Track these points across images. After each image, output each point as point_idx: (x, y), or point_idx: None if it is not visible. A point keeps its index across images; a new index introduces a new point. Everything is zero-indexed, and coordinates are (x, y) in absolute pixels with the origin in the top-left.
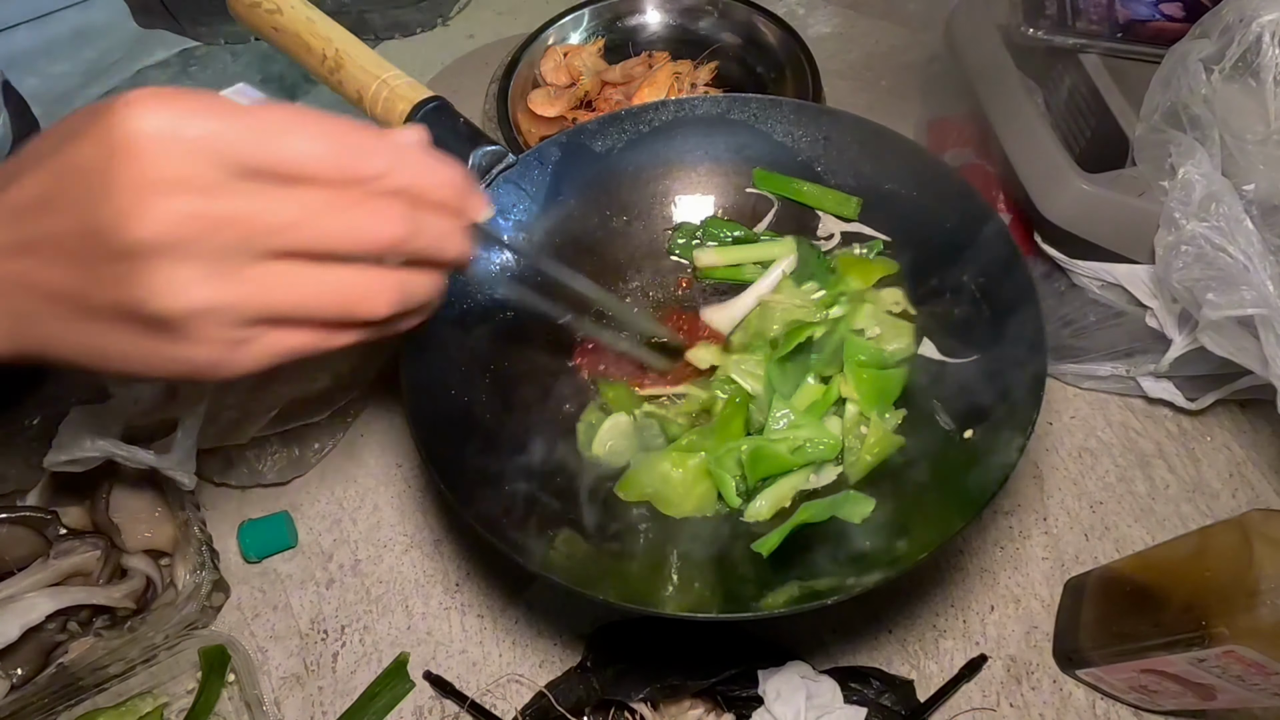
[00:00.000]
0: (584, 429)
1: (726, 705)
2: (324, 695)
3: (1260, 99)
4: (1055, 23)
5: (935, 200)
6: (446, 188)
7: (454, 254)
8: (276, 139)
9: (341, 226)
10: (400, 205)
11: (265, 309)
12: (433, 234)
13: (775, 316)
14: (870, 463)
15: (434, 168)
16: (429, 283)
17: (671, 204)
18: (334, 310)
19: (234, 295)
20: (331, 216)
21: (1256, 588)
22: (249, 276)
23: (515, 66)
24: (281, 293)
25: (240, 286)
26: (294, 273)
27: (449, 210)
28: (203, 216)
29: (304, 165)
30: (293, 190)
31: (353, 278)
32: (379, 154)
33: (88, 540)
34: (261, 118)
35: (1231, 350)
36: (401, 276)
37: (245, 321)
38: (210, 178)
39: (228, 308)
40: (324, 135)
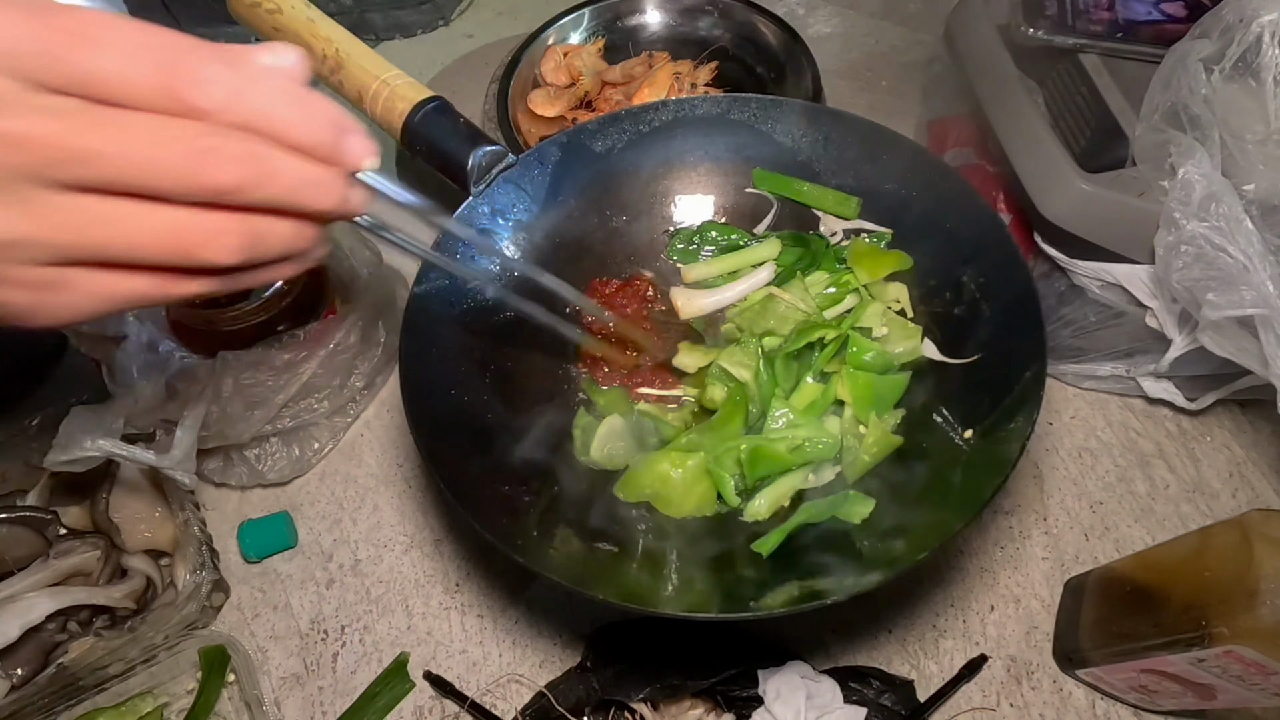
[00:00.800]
0: (579, 435)
1: (726, 705)
2: (324, 695)
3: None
4: (1055, 23)
5: (935, 200)
6: (310, 127)
7: (323, 204)
8: (84, 51)
9: (159, 163)
10: (237, 145)
11: (73, 247)
12: (288, 180)
13: (776, 313)
14: (869, 462)
15: (292, 104)
16: (291, 232)
17: (671, 204)
18: (165, 253)
19: (27, 228)
20: (146, 150)
21: (1256, 588)
22: (46, 208)
23: (515, 66)
24: (92, 230)
25: (36, 219)
26: (108, 208)
27: (317, 154)
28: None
29: (121, 85)
30: (106, 113)
31: (187, 219)
32: (218, 82)
33: (88, 540)
34: (76, 22)
35: (1231, 350)
36: (251, 222)
37: (50, 259)
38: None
39: (21, 243)
40: (144, 51)
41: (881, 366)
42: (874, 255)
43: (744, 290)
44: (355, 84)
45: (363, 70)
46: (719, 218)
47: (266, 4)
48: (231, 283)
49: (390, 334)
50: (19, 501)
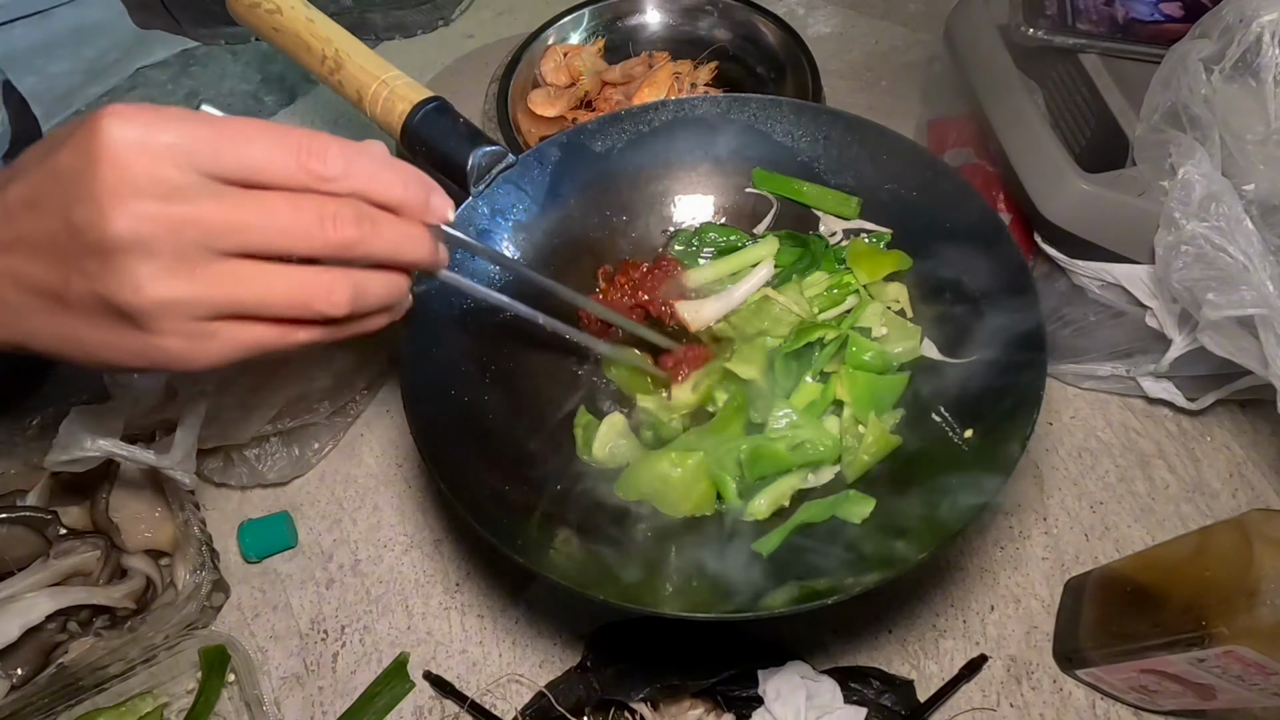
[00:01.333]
0: (580, 433)
1: (726, 705)
2: (324, 695)
3: (1260, 99)
4: (1055, 23)
5: (935, 200)
6: (403, 189)
7: (414, 256)
8: (239, 145)
9: (296, 228)
10: (353, 209)
11: (224, 303)
12: (389, 237)
13: (771, 314)
14: (868, 462)
15: (389, 171)
16: (388, 284)
17: (671, 204)
18: (290, 306)
19: (194, 290)
20: (287, 219)
21: (1256, 588)
22: (209, 273)
23: (515, 66)
24: (239, 288)
25: (200, 282)
26: (251, 270)
27: (407, 213)
28: (167, 217)
29: (263, 169)
30: (252, 194)
31: (308, 277)
32: (333, 158)
33: (88, 540)
34: (225, 127)
35: (1231, 350)
36: (357, 276)
37: (206, 315)
38: (176, 181)
39: (189, 301)
40: (282, 141)
41: (881, 366)
42: (873, 255)
43: (747, 292)
44: (355, 84)
45: (362, 70)
46: (719, 218)
47: (266, 4)
48: (337, 332)
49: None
50: (19, 501)
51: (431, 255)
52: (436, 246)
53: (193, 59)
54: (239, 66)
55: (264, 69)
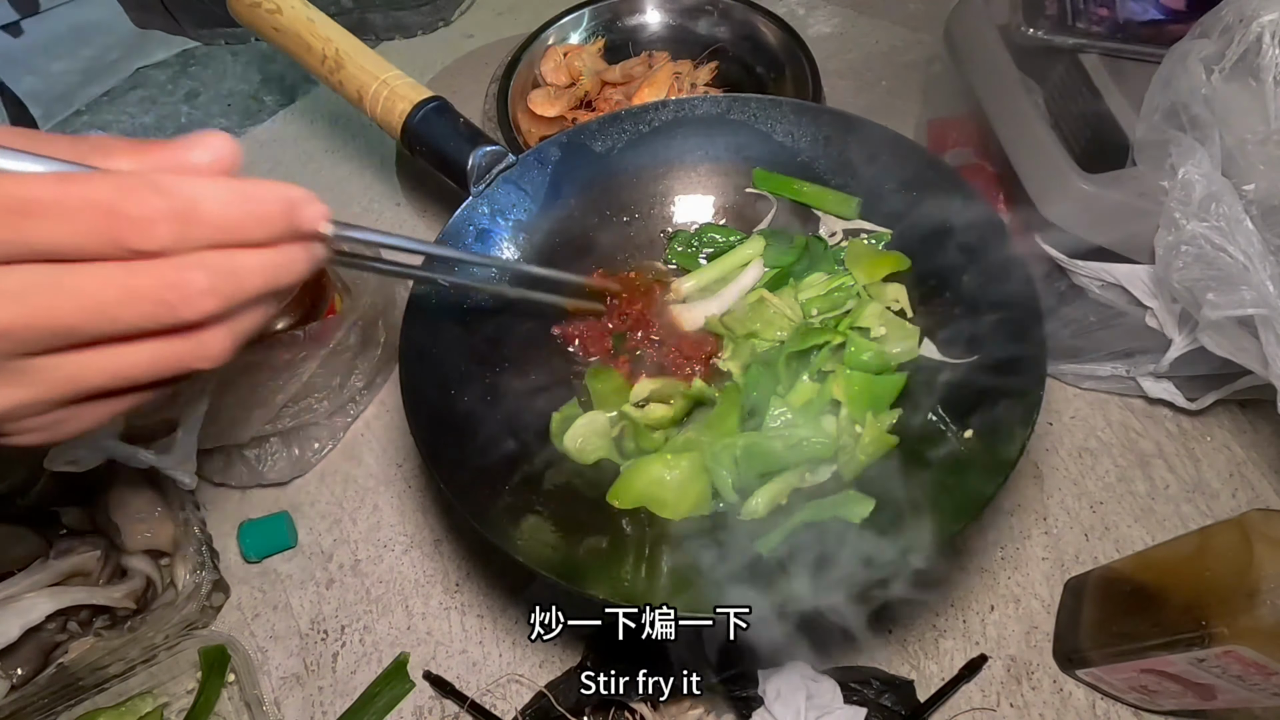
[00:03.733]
0: (558, 420)
1: (727, 705)
2: (324, 695)
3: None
4: (1055, 23)
5: (935, 200)
6: (262, 221)
7: (295, 278)
8: (30, 223)
9: (137, 314)
10: (206, 269)
11: (71, 396)
12: (259, 276)
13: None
14: (865, 462)
15: (238, 207)
16: (268, 311)
17: (671, 204)
18: (158, 376)
19: (25, 396)
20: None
21: (1256, 588)
22: (38, 373)
23: (515, 66)
24: (86, 378)
25: (31, 387)
26: (95, 358)
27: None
28: None
29: (72, 250)
30: (68, 279)
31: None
32: (161, 222)
33: (88, 540)
34: (7, 196)
35: (1231, 350)
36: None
37: (55, 406)
38: None
39: (23, 406)
40: (86, 212)
41: (879, 367)
42: (872, 256)
43: (738, 292)
44: (355, 84)
45: (362, 70)
46: (719, 218)
47: (266, 4)
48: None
49: (390, 334)
50: (19, 501)
51: (309, 265)
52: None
53: (192, 59)
54: (239, 66)
55: (264, 69)
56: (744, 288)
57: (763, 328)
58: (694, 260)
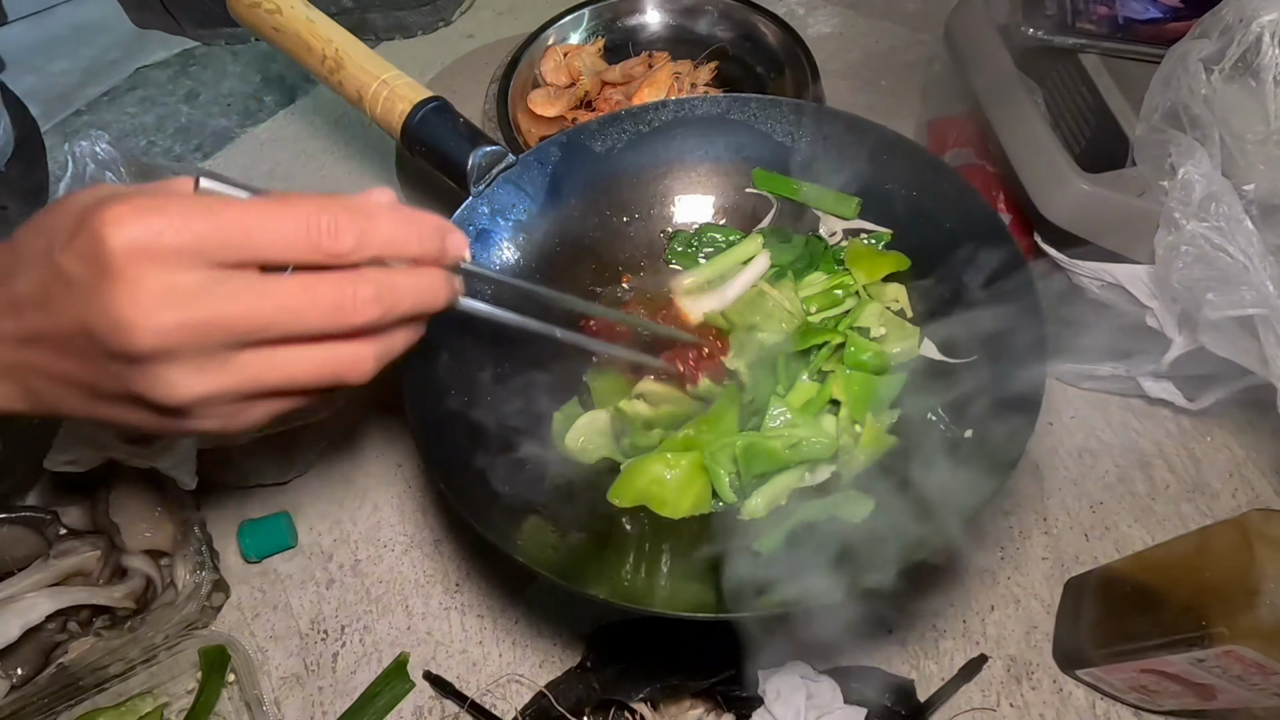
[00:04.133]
0: (559, 420)
1: (726, 705)
2: (324, 695)
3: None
4: (1055, 23)
5: (935, 200)
6: (418, 245)
7: (435, 306)
8: (246, 234)
9: (315, 316)
10: (372, 286)
11: (254, 390)
12: (410, 299)
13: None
14: (864, 461)
15: (403, 228)
16: (410, 336)
17: (671, 204)
18: (319, 382)
19: (225, 383)
20: (305, 308)
21: (1256, 588)
22: (236, 365)
23: (515, 66)
24: (269, 374)
25: (230, 375)
26: (275, 356)
27: (428, 260)
28: (187, 325)
29: (275, 254)
30: (269, 284)
31: (333, 353)
32: (347, 230)
33: (88, 540)
34: (228, 216)
35: (1231, 350)
36: (381, 343)
37: (237, 398)
38: (190, 285)
39: (221, 394)
40: (290, 221)
41: (879, 367)
42: (871, 256)
43: (745, 284)
44: (355, 84)
45: (362, 70)
46: (719, 218)
47: (266, 4)
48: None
49: None
50: (19, 501)
51: (450, 297)
52: (453, 285)
53: (192, 59)
54: (239, 66)
55: (264, 69)
56: (747, 282)
57: (763, 320)
58: (694, 260)
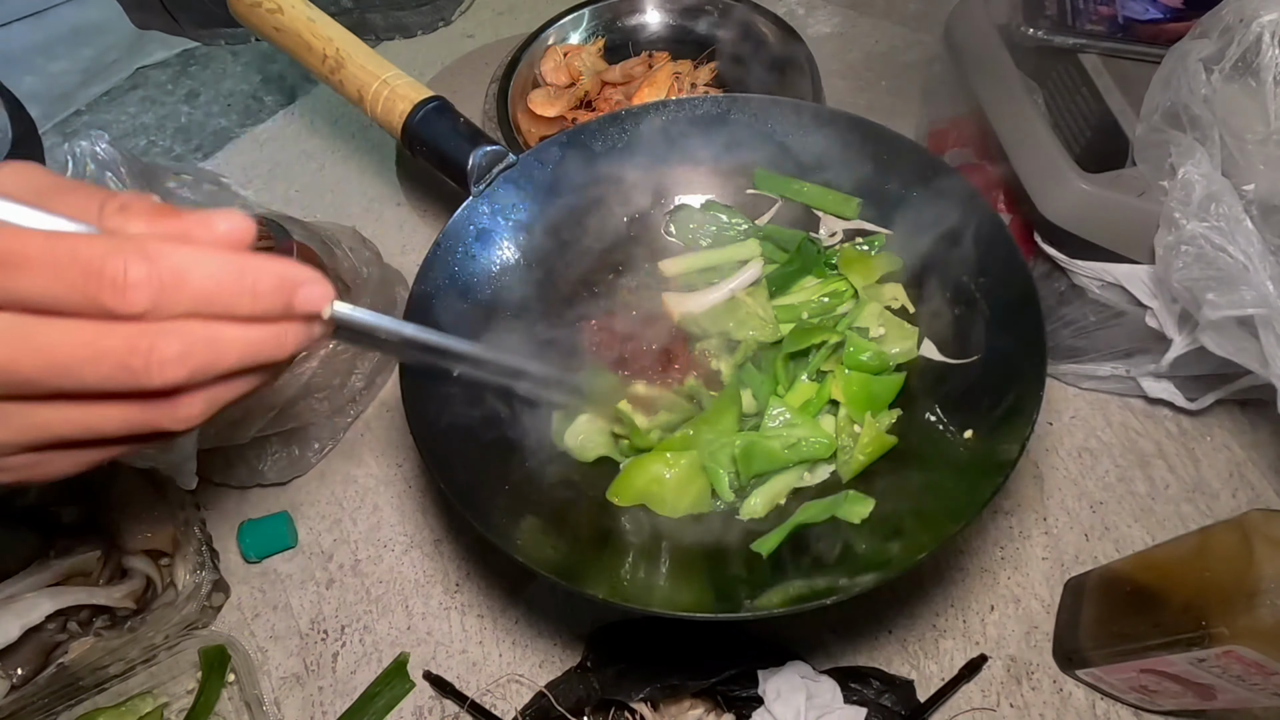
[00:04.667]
0: (559, 419)
1: (726, 705)
2: (324, 695)
3: (1260, 99)
4: (1055, 23)
5: (935, 200)
6: (255, 300)
7: (281, 356)
8: (12, 274)
9: (99, 375)
10: (179, 337)
11: (38, 441)
12: (240, 351)
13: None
14: (863, 462)
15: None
16: (248, 384)
17: (671, 204)
18: (130, 431)
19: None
20: (86, 362)
21: (1256, 588)
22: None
23: (515, 66)
24: (54, 427)
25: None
26: (64, 410)
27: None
28: None
29: (50, 303)
30: (41, 332)
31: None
32: (141, 287)
33: (88, 540)
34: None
35: (1231, 350)
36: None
37: (24, 449)
38: None
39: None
40: (69, 267)
41: (878, 367)
42: (863, 261)
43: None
44: (355, 84)
45: (363, 70)
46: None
47: (267, 4)
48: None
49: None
50: (19, 501)
51: (300, 344)
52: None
53: (192, 59)
54: (239, 66)
55: (264, 69)
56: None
57: (735, 327)
58: (694, 239)
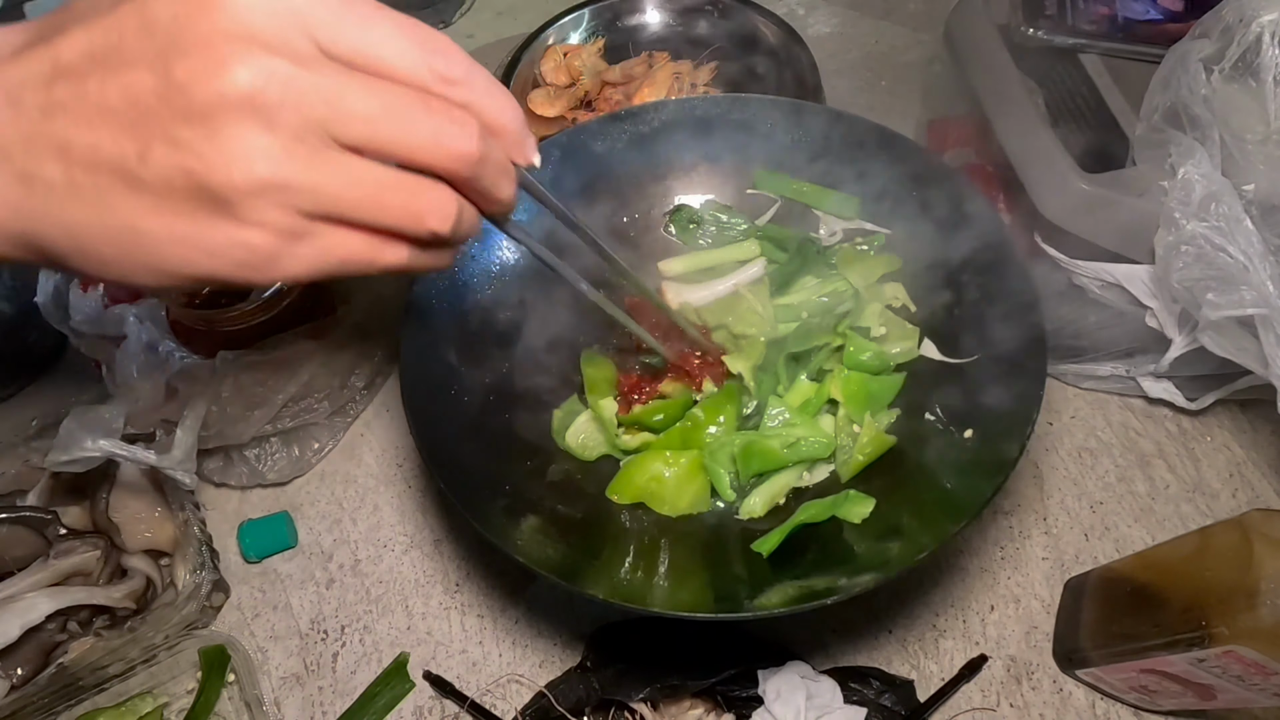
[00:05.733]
0: (559, 417)
1: (726, 705)
2: (324, 695)
3: (1260, 99)
4: (1055, 23)
5: (935, 200)
6: (511, 116)
7: (506, 193)
8: (364, 25)
9: (425, 131)
10: (475, 125)
11: (334, 199)
12: (497, 166)
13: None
14: (862, 462)
15: (502, 93)
16: (476, 218)
17: (671, 204)
18: (399, 217)
19: (307, 177)
20: (418, 118)
21: (1256, 588)
22: (325, 161)
23: (515, 66)
24: (354, 186)
25: (315, 170)
26: (367, 169)
27: (506, 142)
28: (296, 82)
29: (385, 56)
30: (377, 83)
31: (422, 187)
32: (457, 61)
33: (88, 540)
34: (350, 3)
35: (1231, 350)
36: (462, 200)
37: (309, 211)
38: (299, 46)
39: (298, 189)
40: (408, 30)
41: (879, 367)
42: (863, 260)
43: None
44: None
45: None
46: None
47: None
48: (415, 260)
49: (390, 334)
50: (19, 501)
51: (515, 196)
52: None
53: None
54: None
55: None
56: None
57: (734, 322)
58: (693, 239)
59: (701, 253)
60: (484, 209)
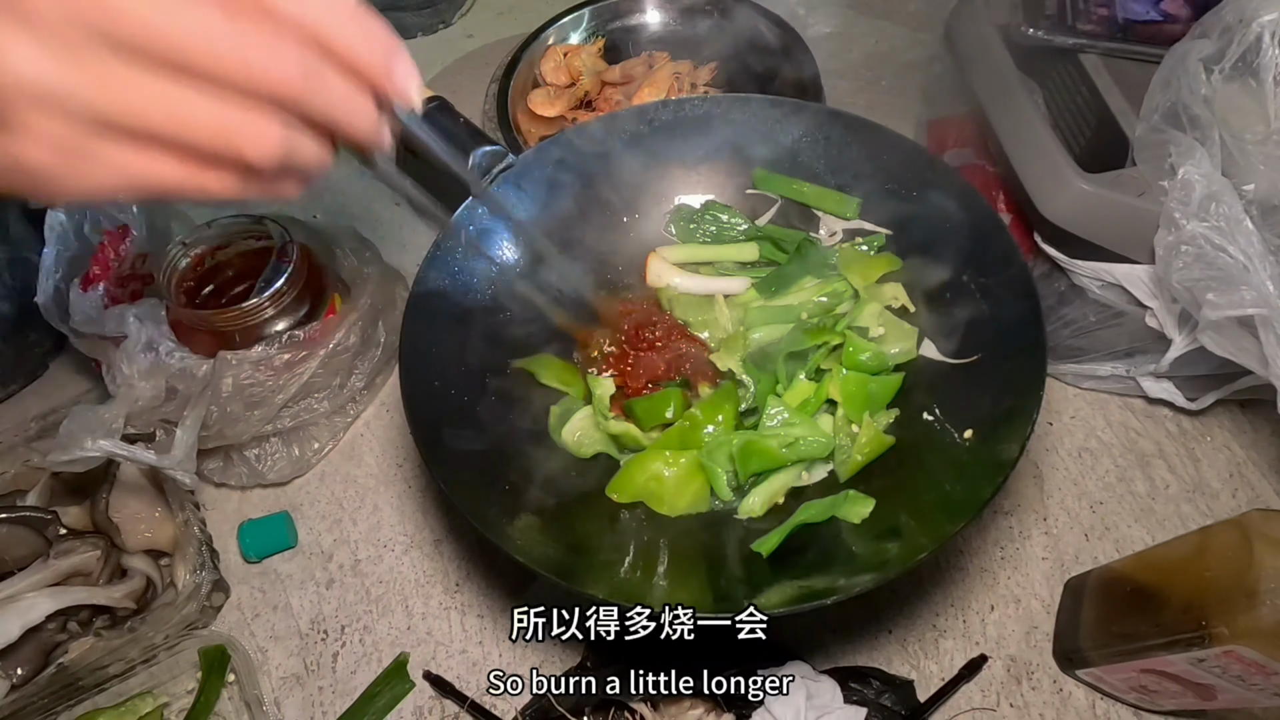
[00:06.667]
0: (556, 414)
1: (726, 705)
2: (324, 695)
3: (1260, 99)
4: (1055, 23)
5: (935, 200)
6: (367, 46)
7: (356, 127)
8: None
9: (230, 52)
10: (301, 49)
11: (118, 114)
12: (334, 96)
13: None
14: (861, 462)
15: (356, 20)
16: (318, 152)
17: (671, 204)
18: (206, 140)
19: (78, 82)
20: (222, 37)
21: (1256, 588)
22: (104, 69)
23: (515, 66)
24: (142, 101)
25: (89, 74)
26: (162, 85)
27: (363, 76)
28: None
29: None
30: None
31: (235, 111)
32: None
33: (88, 540)
34: None
35: (1231, 350)
36: (291, 129)
37: (90, 122)
38: None
39: (68, 95)
40: None
41: (877, 367)
42: (863, 261)
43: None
44: None
45: None
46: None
47: None
48: (245, 189)
49: (390, 334)
50: (19, 501)
51: (373, 130)
52: (381, 124)
53: None
54: None
55: None
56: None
57: (694, 322)
58: (693, 239)
59: (703, 246)
60: (343, 142)
